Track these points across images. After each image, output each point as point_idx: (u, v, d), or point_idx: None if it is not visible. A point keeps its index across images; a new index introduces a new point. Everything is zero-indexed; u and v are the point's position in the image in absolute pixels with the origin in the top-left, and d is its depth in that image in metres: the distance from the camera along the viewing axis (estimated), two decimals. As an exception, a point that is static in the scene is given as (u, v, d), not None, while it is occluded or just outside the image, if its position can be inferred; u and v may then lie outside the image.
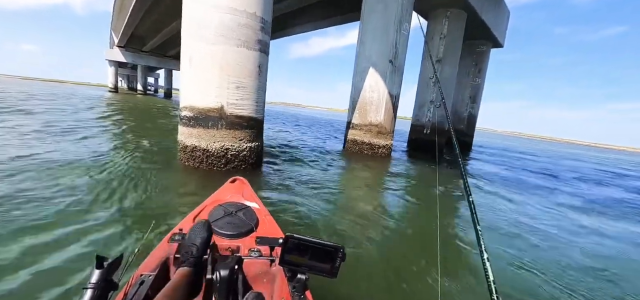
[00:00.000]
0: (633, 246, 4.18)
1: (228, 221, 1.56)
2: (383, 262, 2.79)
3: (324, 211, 3.94)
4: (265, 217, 1.73)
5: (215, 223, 1.51)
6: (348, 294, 2.18)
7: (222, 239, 1.45)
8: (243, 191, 2.03)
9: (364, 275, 2.46)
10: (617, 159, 31.42)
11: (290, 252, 1.05)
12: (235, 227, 1.51)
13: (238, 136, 5.21)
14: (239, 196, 1.95)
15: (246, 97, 5.08)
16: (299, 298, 1.08)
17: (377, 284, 2.38)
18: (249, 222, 1.59)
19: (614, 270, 3.25)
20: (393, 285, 2.40)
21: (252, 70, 5.04)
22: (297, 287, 1.09)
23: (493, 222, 4.39)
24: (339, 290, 2.15)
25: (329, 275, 1.06)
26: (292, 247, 1.04)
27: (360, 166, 7.41)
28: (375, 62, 8.20)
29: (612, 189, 9.29)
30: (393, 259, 2.91)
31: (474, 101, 16.16)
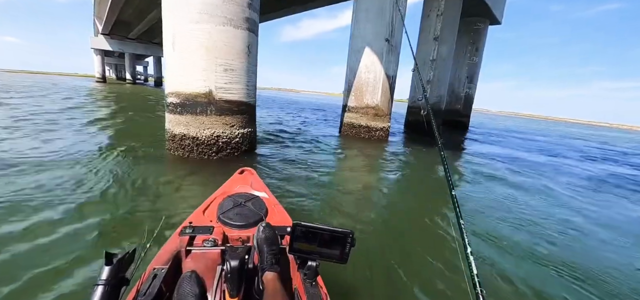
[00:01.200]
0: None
1: (237, 212, 1.55)
2: (392, 247, 2.72)
3: (321, 199, 3.75)
4: (274, 207, 1.74)
5: (225, 214, 1.52)
6: (359, 278, 2.14)
7: (232, 229, 1.46)
8: (251, 181, 2.03)
9: (374, 260, 2.40)
10: (612, 136, 31.69)
11: (299, 240, 1.04)
12: (245, 218, 1.51)
13: (229, 122, 4.92)
14: (248, 187, 1.96)
15: (236, 80, 4.75)
16: (310, 285, 1.08)
17: (388, 268, 2.33)
18: (258, 212, 1.59)
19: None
20: (404, 269, 2.33)
21: (241, 51, 4.70)
22: (308, 274, 1.09)
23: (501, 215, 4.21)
24: (350, 276, 2.12)
25: (339, 261, 1.06)
26: (301, 234, 1.03)
27: (357, 150, 7.18)
28: (371, 42, 7.85)
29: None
30: (402, 243, 2.83)
31: (471, 81, 15.90)
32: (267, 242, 1.12)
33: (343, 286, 2.04)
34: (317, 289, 1.09)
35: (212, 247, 1.27)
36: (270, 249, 1.10)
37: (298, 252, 1.08)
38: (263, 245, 1.11)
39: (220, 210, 1.56)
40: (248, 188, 1.95)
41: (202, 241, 1.30)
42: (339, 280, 2.06)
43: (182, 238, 1.30)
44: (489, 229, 3.32)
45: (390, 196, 4.29)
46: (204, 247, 1.28)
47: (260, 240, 1.13)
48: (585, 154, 11.78)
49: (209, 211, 1.66)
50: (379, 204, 3.91)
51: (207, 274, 1.18)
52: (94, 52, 39.06)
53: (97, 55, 39.18)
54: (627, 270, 2.74)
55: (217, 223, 1.50)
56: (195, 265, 1.23)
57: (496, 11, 14.49)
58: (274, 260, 1.07)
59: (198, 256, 1.27)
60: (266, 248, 1.10)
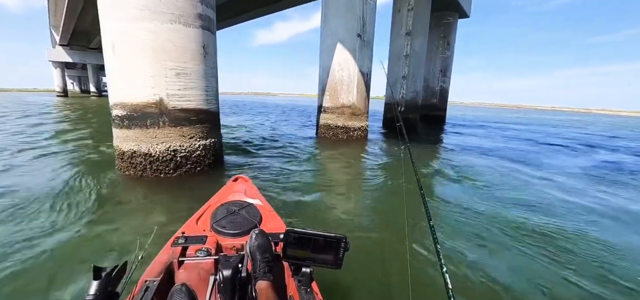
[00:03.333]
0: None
1: (231, 220, 1.54)
2: (383, 251, 2.68)
3: (300, 213, 3.42)
4: (268, 213, 1.74)
5: (218, 223, 1.50)
6: (354, 283, 2.10)
7: (226, 238, 1.44)
8: (245, 189, 2.02)
9: (367, 265, 2.38)
10: (577, 120, 33.44)
11: (292, 247, 1.04)
12: (239, 226, 1.50)
13: (187, 133, 4.34)
14: (241, 194, 1.94)
15: (191, 85, 4.19)
16: (305, 291, 1.08)
17: (382, 272, 2.31)
18: (252, 219, 1.58)
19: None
20: (397, 273, 2.31)
21: (195, 53, 4.15)
22: (302, 281, 1.09)
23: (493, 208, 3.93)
24: (345, 281, 2.08)
25: (333, 266, 1.05)
26: (294, 241, 1.03)
27: (336, 153, 6.78)
28: (343, 38, 7.48)
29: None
30: (395, 247, 2.75)
31: (444, 74, 15.99)
32: (260, 249, 1.09)
33: (338, 292, 1.99)
34: (312, 296, 1.07)
35: (205, 257, 1.25)
36: (263, 256, 1.07)
37: (292, 259, 1.07)
38: (256, 252, 1.08)
39: (213, 219, 1.55)
40: (242, 196, 1.92)
41: (195, 251, 1.28)
42: (334, 286, 2.00)
43: (175, 249, 1.29)
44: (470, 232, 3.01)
45: (375, 200, 4.07)
46: (197, 257, 1.26)
47: (253, 247, 1.10)
48: (569, 140, 12.06)
49: (202, 220, 1.64)
50: (363, 210, 3.73)
51: (201, 284, 1.18)
52: (53, 64, 36.44)
53: (56, 68, 36.57)
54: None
55: (210, 232, 1.48)
56: (188, 276, 1.22)
57: (464, 4, 14.63)
58: (267, 268, 1.04)
59: (191, 266, 1.25)
60: (259, 256, 1.07)
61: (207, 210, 1.74)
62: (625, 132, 18.57)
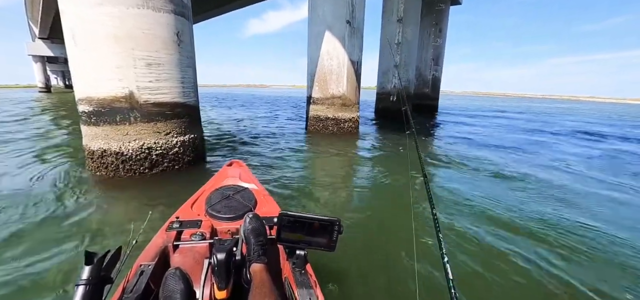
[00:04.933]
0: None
1: (226, 204, 1.54)
2: (376, 238, 2.72)
3: (286, 204, 3.34)
4: (263, 197, 1.74)
5: (213, 207, 1.51)
6: (348, 265, 2.16)
7: (221, 222, 1.45)
8: (240, 173, 2.03)
9: (361, 249, 2.44)
10: (568, 108, 33.76)
11: (286, 230, 1.07)
12: (233, 210, 1.50)
13: (162, 129, 4.01)
14: (236, 179, 1.95)
15: (164, 77, 3.84)
16: (299, 273, 1.09)
17: (375, 257, 2.35)
18: (247, 203, 1.57)
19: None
20: (390, 258, 2.35)
21: (168, 40, 3.78)
22: (297, 263, 1.11)
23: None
24: (339, 263, 2.13)
25: (327, 249, 1.07)
26: (287, 224, 1.06)
27: (325, 147, 6.50)
28: (331, 24, 7.12)
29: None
30: (388, 235, 2.80)
31: (436, 63, 15.76)
32: (254, 233, 1.08)
33: (332, 273, 2.02)
34: (307, 277, 1.09)
35: (200, 241, 1.26)
36: (257, 240, 1.07)
37: (286, 242, 1.10)
38: (250, 236, 1.07)
39: (208, 204, 1.54)
40: (237, 180, 1.93)
41: (190, 235, 1.28)
42: (328, 268, 2.03)
43: (169, 233, 1.29)
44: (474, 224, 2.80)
45: (366, 190, 3.97)
46: (192, 241, 1.26)
47: (247, 231, 1.09)
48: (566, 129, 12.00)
49: (197, 205, 1.64)
50: (355, 199, 3.68)
51: (196, 268, 1.17)
52: (33, 59, 35.01)
53: (36, 63, 35.17)
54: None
55: (205, 216, 1.48)
56: (183, 260, 1.21)
57: (457, -10, 14.35)
58: (261, 251, 1.04)
59: (186, 251, 1.25)
60: (253, 239, 1.06)
61: (202, 194, 1.73)
62: (614, 118, 18.73)
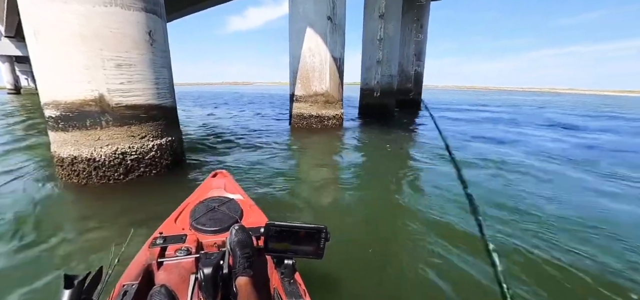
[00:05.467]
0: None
1: (211, 216, 1.51)
2: (365, 239, 2.71)
3: (277, 206, 3.33)
4: (250, 207, 1.73)
5: (197, 220, 1.47)
6: (338, 271, 2.14)
7: (207, 235, 1.41)
8: (225, 184, 2.00)
9: (350, 253, 2.40)
10: (552, 100, 35.03)
11: (273, 240, 1.07)
12: (219, 222, 1.47)
13: (137, 133, 3.84)
14: (221, 190, 1.92)
15: (137, 78, 3.67)
16: (288, 283, 1.09)
17: (364, 260, 2.35)
18: (233, 214, 1.56)
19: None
20: (379, 260, 2.35)
21: (139, 40, 3.61)
22: (285, 273, 1.11)
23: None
24: (328, 269, 2.09)
25: (315, 256, 1.08)
26: (274, 234, 1.06)
27: (310, 144, 6.45)
28: (312, 21, 7.04)
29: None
30: (375, 235, 2.80)
31: (418, 58, 15.93)
32: (240, 245, 1.07)
33: (322, 280, 2.01)
34: (296, 286, 1.09)
35: (185, 256, 1.22)
36: (243, 252, 1.06)
37: (273, 252, 1.10)
38: (236, 248, 1.06)
39: (193, 217, 1.52)
40: (222, 191, 1.90)
41: (174, 251, 1.25)
42: (317, 275, 1.99)
43: (153, 250, 1.25)
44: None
45: (353, 191, 3.89)
46: (177, 256, 1.23)
47: (233, 243, 1.08)
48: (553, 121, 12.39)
49: (181, 219, 1.61)
50: (344, 200, 3.64)
51: (182, 284, 1.15)
52: (0, 59, 33.04)
53: (4, 63, 33.19)
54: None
55: (190, 230, 1.45)
56: (169, 277, 1.19)
57: (437, -15, 14.52)
58: (247, 264, 1.03)
59: (171, 267, 1.23)
60: (239, 251, 1.06)
61: (186, 208, 1.69)
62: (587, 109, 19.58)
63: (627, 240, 2.65)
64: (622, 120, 13.29)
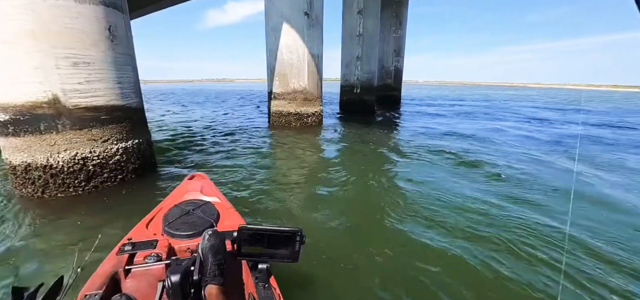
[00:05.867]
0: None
1: (185, 221, 1.48)
2: (343, 240, 2.66)
3: (255, 209, 3.25)
4: (226, 210, 1.69)
5: (170, 225, 1.44)
6: (315, 273, 2.10)
7: (180, 240, 1.37)
8: (202, 186, 1.94)
9: (326, 255, 2.33)
10: (529, 95, 36.40)
11: (246, 244, 1.04)
12: (193, 226, 1.43)
13: (98, 136, 3.58)
14: (197, 193, 1.85)
15: (96, 77, 3.41)
16: (263, 288, 1.08)
17: (340, 261, 2.28)
18: (209, 218, 1.52)
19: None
20: (356, 262, 2.30)
21: (98, 36, 3.35)
22: (260, 277, 1.09)
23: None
24: (305, 272, 2.07)
25: (291, 260, 1.06)
26: (247, 238, 1.03)
27: (289, 143, 6.32)
28: (288, 17, 6.88)
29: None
30: (353, 236, 2.74)
31: (398, 54, 16.07)
32: (212, 250, 1.01)
33: (298, 283, 1.96)
34: (271, 291, 1.07)
35: (155, 263, 1.18)
36: (215, 258, 1.00)
37: (247, 256, 1.08)
38: (208, 254, 1.01)
39: (165, 222, 1.47)
40: (198, 194, 1.84)
41: (144, 257, 1.20)
42: (294, 278, 1.95)
43: (120, 257, 1.21)
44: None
45: (331, 191, 3.84)
46: (146, 263, 1.18)
47: (206, 249, 1.02)
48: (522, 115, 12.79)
49: (153, 224, 1.56)
50: (322, 200, 3.59)
51: (149, 292, 1.09)
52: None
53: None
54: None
55: (162, 236, 1.40)
56: (137, 285, 1.13)
57: (414, -18, 14.66)
58: (217, 271, 0.98)
59: (139, 274, 1.17)
60: (211, 257, 1.00)
61: (159, 212, 1.63)
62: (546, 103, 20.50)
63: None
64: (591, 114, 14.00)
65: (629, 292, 1.96)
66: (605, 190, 3.78)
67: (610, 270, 2.17)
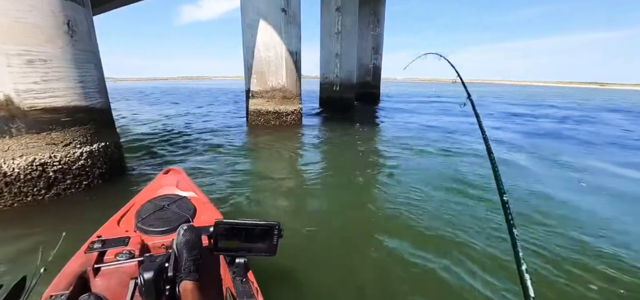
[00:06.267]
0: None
1: (159, 216, 1.44)
2: (320, 234, 2.66)
3: (233, 208, 3.17)
4: (203, 205, 1.65)
5: (144, 221, 1.39)
6: (293, 267, 2.10)
7: (153, 236, 1.34)
8: (178, 181, 1.89)
9: (303, 250, 2.35)
10: (505, 91, 37.91)
11: (223, 239, 1.03)
12: (168, 222, 1.39)
13: (59, 140, 3.32)
14: (173, 187, 1.81)
15: (54, 75, 3.15)
16: (240, 282, 1.07)
17: (318, 257, 2.30)
18: (184, 213, 1.49)
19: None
20: (332, 258, 2.32)
21: (55, 31, 3.09)
22: (237, 271, 1.09)
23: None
24: (284, 266, 2.06)
25: (268, 254, 1.05)
26: (224, 232, 1.02)
27: (268, 141, 6.19)
28: (265, 13, 6.73)
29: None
30: (332, 233, 2.73)
31: (376, 52, 16.24)
32: (187, 246, 0.99)
33: (276, 277, 1.95)
34: (248, 286, 1.06)
35: (127, 260, 1.15)
36: (190, 254, 0.98)
37: (224, 251, 1.07)
38: (183, 249, 0.99)
39: (138, 218, 1.43)
40: (173, 189, 1.80)
41: (115, 255, 1.17)
42: (272, 272, 1.94)
43: (89, 255, 1.17)
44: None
45: (310, 187, 3.86)
46: (118, 261, 1.15)
47: (180, 244, 1.00)
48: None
49: (125, 220, 1.50)
50: (300, 196, 3.59)
51: (121, 290, 1.06)
52: None
53: None
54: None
55: (134, 232, 1.37)
56: (107, 284, 1.10)
57: (391, -20, 14.81)
58: (193, 267, 0.95)
59: (110, 273, 1.14)
60: (186, 253, 0.98)
61: (131, 208, 1.58)
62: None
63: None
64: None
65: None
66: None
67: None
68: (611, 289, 1.97)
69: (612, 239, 2.56)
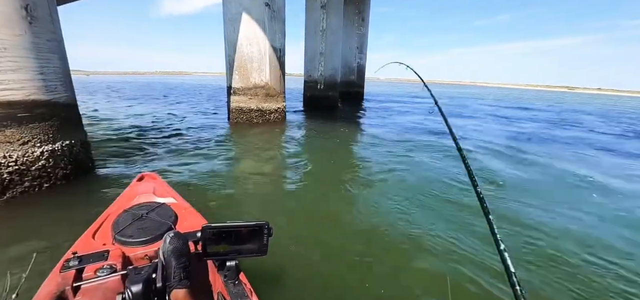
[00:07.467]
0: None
1: (139, 226, 1.37)
2: (308, 232, 2.68)
3: (216, 210, 3.07)
4: (185, 211, 1.61)
5: (122, 232, 1.32)
6: (285, 265, 2.09)
7: (135, 248, 1.28)
8: (154, 188, 1.81)
9: (294, 248, 2.35)
10: (476, 93, 39.08)
11: (211, 243, 1.01)
12: (149, 231, 1.34)
13: (15, 138, 2.99)
14: (149, 195, 1.73)
15: (8, 66, 2.82)
16: (233, 285, 1.06)
17: (309, 255, 2.31)
18: (166, 221, 1.43)
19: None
20: (323, 254, 2.33)
21: (10, 16, 2.76)
22: (228, 275, 1.07)
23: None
24: (275, 264, 2.05)
25: (259, 254, 1.05)
26: (212, 236, 1.00)
27: (250, 140, 5.98)
28: (249, 7, 6.46)
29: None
30: (317, 230, 2.72)
31: (361, 51, 16.22)
32: (175, 253, 0.94)
33: (269, 276, 1.94)
34: (241, 287, 1.05)
35: (109, 275, 1.08)
36: (178, 262, 0.94)
37: (213, 256, 1.05)
38: (171, 258, 0.94)
39: (116, 229, 1.35)
40: (150, 196, 1.71)
41: (94, 271, 1.10)
42: (264, 271, 1.92)
43: (65, 274, 1.08)
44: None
45: (296, 186, 3.83)
46: (98, 277, 1.08)
47: (167, 253, 0.95)
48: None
49: (100, 233, 1.42)
50: (286, 195, 3.58)
51: None
52: None
53: None
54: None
55: (113, 245, 1.29)
56: None
57: (376, -20, 14.83)
58: (183, 274, 0.92)
59: (91, 290, 1.06)
60: (174, 261, 0.93)
61: (106, 220, 1.52)
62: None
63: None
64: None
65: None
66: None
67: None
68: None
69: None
